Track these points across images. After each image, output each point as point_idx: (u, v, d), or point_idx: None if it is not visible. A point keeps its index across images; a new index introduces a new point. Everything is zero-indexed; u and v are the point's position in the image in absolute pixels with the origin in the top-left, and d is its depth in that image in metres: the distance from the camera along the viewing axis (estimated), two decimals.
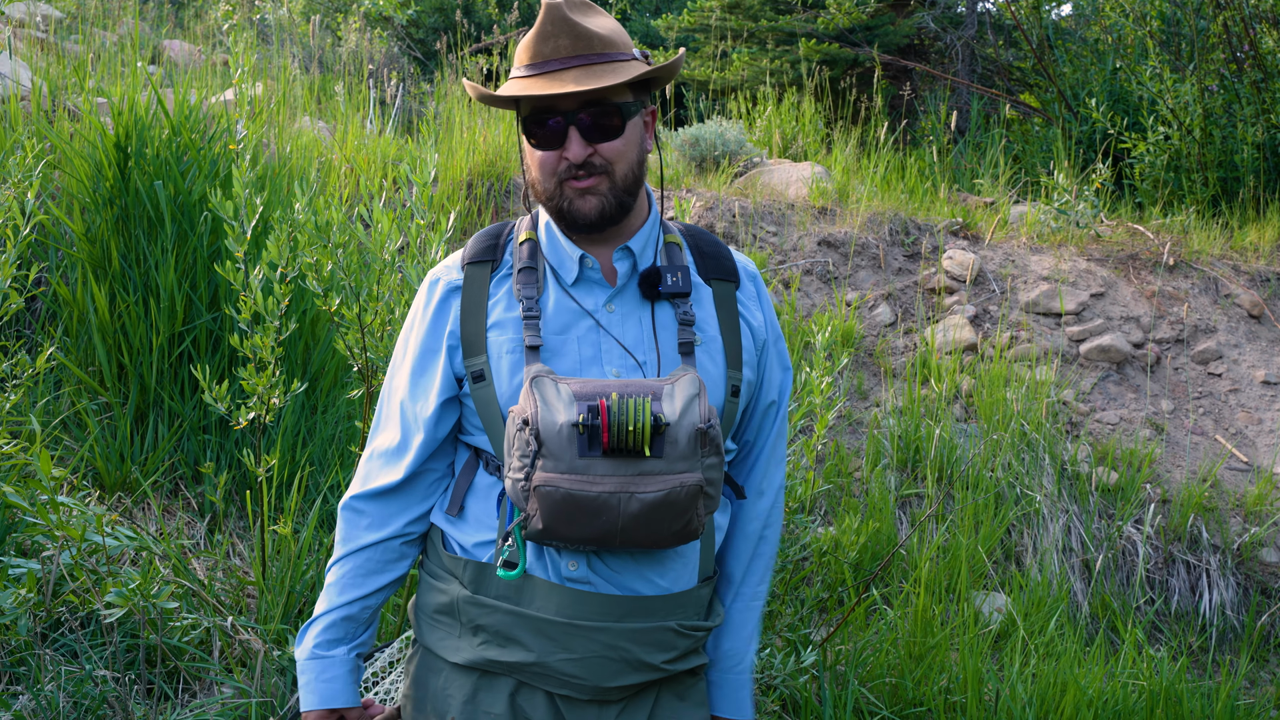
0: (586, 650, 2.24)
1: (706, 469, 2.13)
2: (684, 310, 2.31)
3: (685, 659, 2.34)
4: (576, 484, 2.06)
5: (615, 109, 2.25)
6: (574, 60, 2.23)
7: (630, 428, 2.05)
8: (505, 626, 2.27)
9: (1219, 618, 5.98)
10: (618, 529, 2.10)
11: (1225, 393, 7.01)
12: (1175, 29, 10.10)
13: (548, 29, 2.23)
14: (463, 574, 2.33)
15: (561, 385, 2.12)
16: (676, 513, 2.11)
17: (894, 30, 13.70)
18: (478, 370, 2.28)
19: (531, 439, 2.07)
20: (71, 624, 3.68)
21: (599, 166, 2.25)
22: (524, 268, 2.32)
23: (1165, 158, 9.38)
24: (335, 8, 16.75)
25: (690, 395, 2.13)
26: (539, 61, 2.24)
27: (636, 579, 2.27)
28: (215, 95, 6.65)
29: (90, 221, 5.05)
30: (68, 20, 9.46)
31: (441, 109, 8.97)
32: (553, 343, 2.27)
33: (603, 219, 2.27)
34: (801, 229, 7.86)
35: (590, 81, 2.20)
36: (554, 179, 2.26)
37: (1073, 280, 7.54)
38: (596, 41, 2.25)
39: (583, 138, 2.23)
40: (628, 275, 2.35)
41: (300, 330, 5.02)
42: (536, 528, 2.11)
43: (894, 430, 6.27)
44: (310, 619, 2.40)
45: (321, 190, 6.27)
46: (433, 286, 2.40)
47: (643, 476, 2.08)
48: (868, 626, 4.92)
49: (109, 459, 4.57)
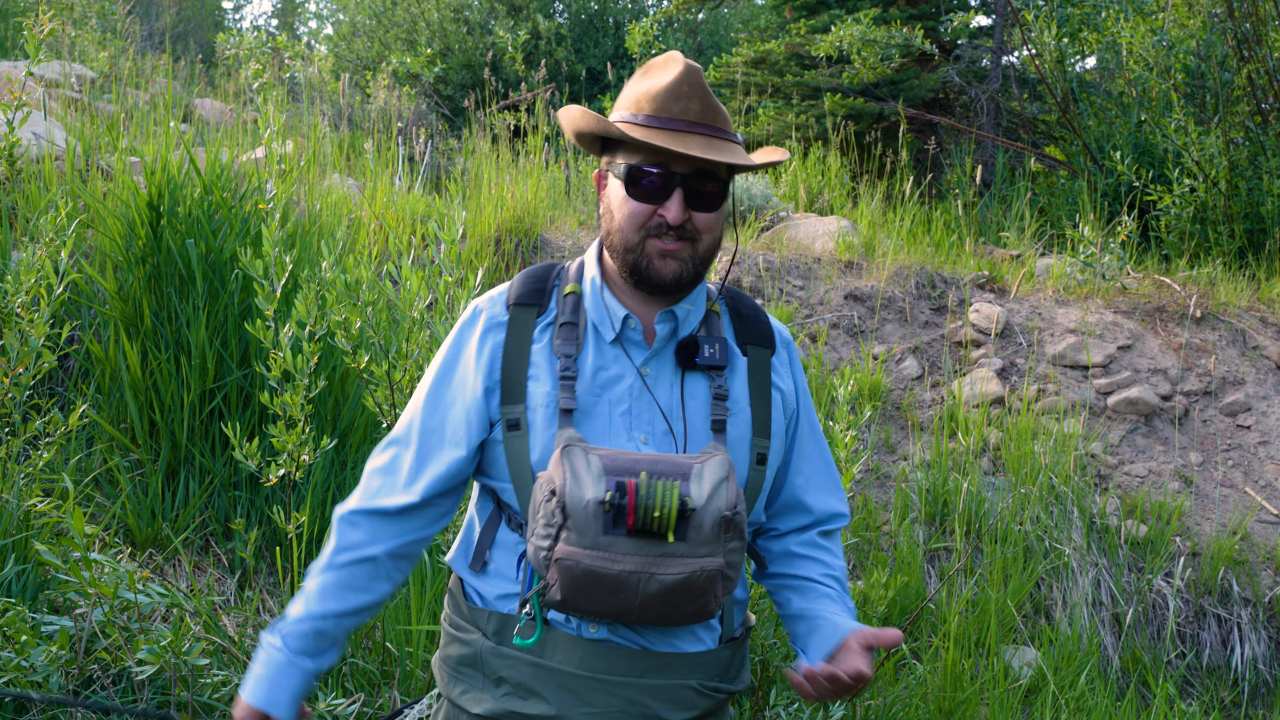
0: (607, 705, 2.24)
1: (728, 553, 2.13)
2: (719, 384, 2.32)
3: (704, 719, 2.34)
4: (598, 560, 2.06)
5: (720, 183, 2.30)
6: (700, 127, 2.26)
7: (656, 513, 2.04)
8: (527, 679, 2.26)
9: (1251, 672, 5.93)
10: (634, 606, 2.10)
11: (1254, 445, 6.98)
12: (1200, 82, 10.11)
13: (684, 89, 2.26)
14: (485, 625, 2.33)
15: (592, 456, 2.11)
16: (694, 595, 2.11)
17: (919, 84, 13.76)
18: (514, 419, 2.28)
19: (557, 511, 2.07)
20: (103, 681, 3.69)
21: (689, 233, 2.28)
22: (565, 322, 2.33)
23: (1191, 210, 9.37)
24: (364, 65, 16.93)
25: (719, 479, 2.12)
26: (665, 116, 2.26)
27: (657, 638, 2.27)
28: (246, 153, 6.72)
29: (123, 280, 5.10)
30: (100, 80, 9.58)
31: (470, 165, 9.04)
32: (585, 402, 2.27)
33: (678, 284, 2.30)
34: (828, 283, 7.88)
35: (714, 153, 2.23)
36: (640, 233, 2.28)
37: (1099, 333, 7.53)
38: (721, 117, 2.29)
39: (684, 201, 2.26)
40: (666, 339, 2.36)
41: (330, 387, 5.05)
42: (555, 598, 2.11)
43: (922, 484, 6.25)
44: (283, 614, 2.37)
45: (351, 247, 6.33)
46: (476, 316, 2.40)
47: (664, 558, 2.08)
48: (897, 681, 4.90)
49: (140, 516, 4.59)
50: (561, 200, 8.70)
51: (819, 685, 2.28)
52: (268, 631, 2.36)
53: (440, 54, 15.90)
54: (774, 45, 13.95)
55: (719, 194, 2.30)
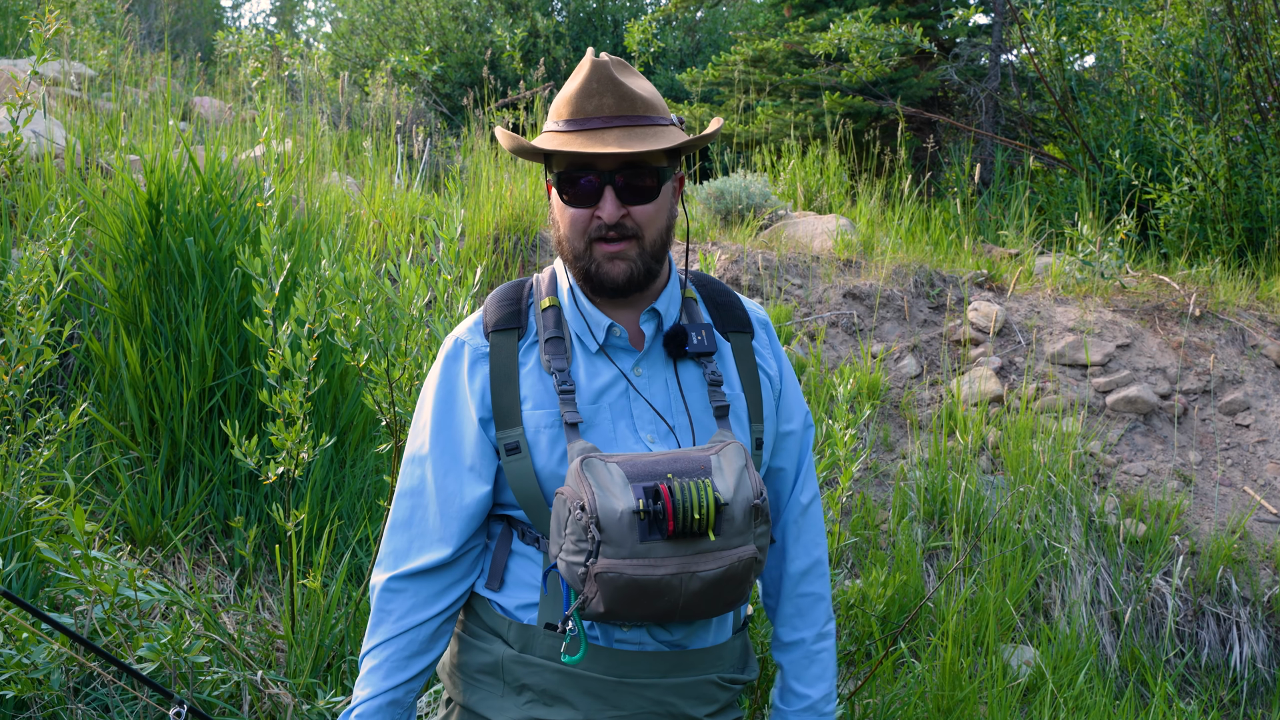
0: (635, 707, 2.25)
1: (758, 538, 2.14)
2: (711, 370, 2.32)
3: (724, 712, 2.37)
4: (639, 569, 2.04)
5: (652, 172, 2.25)
6: (616, 120, 2.22)
7: (696, 514, 2.03)
8: (553, 685, 2.26)
9: (1250, 671, 5.93)
10: (679, 606, 2.10)
11: (1253, 444, 6.99)
12: (1199, 80, 10.12)
13: (592, 86, 2.22)
14: (507, 633, 2.31)
15: (611, 465, 2.09)
16: (734, 585, 2.12)
17: (918, 83, 13.78)
18: (512, 443, 2.25)
19: (592, 526, 2.04)
20: (104, 678, 3.70)
21: (630, 230, 2.24)
22: (550, 337, 2.30)
23: (1190, 208, 9.38)
24: (363, 64, 16.93)
25: (740, 468, 2.12)
26: (581, 118, 2.23)
27: (686, 636, 2.28)
28: (245, 152, 6.72)
29: (122, 278, 5.10)
30: (100, 78, 9.57)
31: (468, 163, 9.04)
32: (585, 412, 2.25)
33: (630, 284, 2.26)
34: (826, 281, 7.88)
35: (632, 144, 2.19)
36: (584, 239, 2.25)
37: (1098, 331, 7.53)
38: (640, 104, 2.25)
39: (617, 198, 2.22)
40: (654, 337, 2.34)
41: (329, 385, 5.06)
42: (597, 610, 2.09)
43: (920, 482, 6.26)
44: (352, 706, 2.33)
45: (349, 246, 6.33)
46: (458, 351, 2.36)
47: (702, 555, 2.07)
48: (895, 680, 4.90)
49: (140, 513, 4.59)
50: None
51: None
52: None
53: (439, 52, 15.91)
54: (772, 43, 13.96)
55: (654, 185, 2.26)
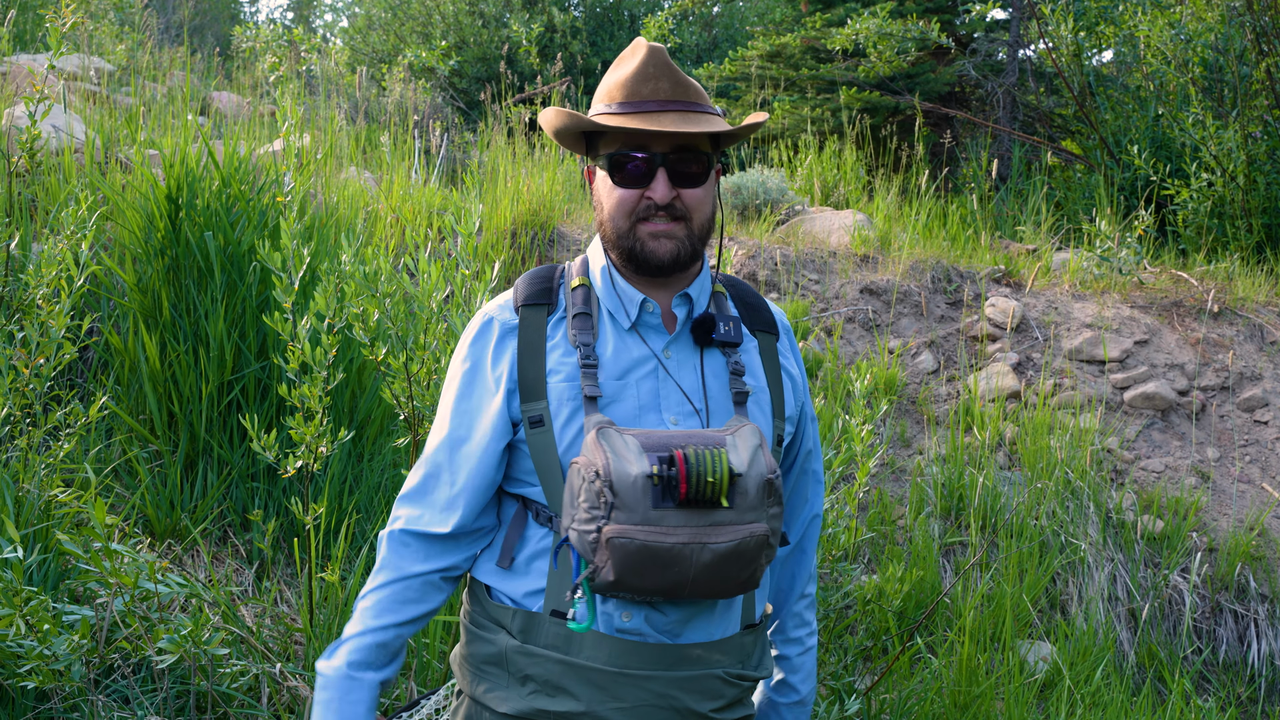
0: (637, 699, 2.24)
1: (770, 518, 2.14)
2: (735, 360, 2.34)
3: (732, 709, 2.34)
4: (651, 535, 2.05)
5: (701, 158, 2.29)
6: (672, 105, 2.27)
7: (710, 478, 2.05)
8: (555, 676, 2.26)
9: (1268, 668, 5.92)
10: (689, 579, 2.10)
11: (1272, 440, 6.96)
12: (1217, 75, 10.07)
13: (649, 70, 2.27)
14: (511, 624, 2.32)
15: (627, 436, 2.11)
16: (745, 562, 2.12)
17: (935, 78, 13.74)
18: (536, 415, 2.27)
19: (605, 490, 2.05)
20: (124, 670, 3.72)
21: (679, 211, 2.28)
22: (579, 313, 2.33)
23: (1209, 204, 9.34)
24: (380, 59, 16.94)
25: (754, 445, 2.14)
26: (636, 100, 2.27)
27: (687, 627, 2.27)
28: (264, 146, 6.73)
29: (142, 272, 5.12)
30: (118, 73, 9.60)
31: (486, 158, 9.05)
32: (610, 388, 2.27)
33: (676, 263, 2.30)
34: (843, 277, 7.88)
35: (688, 126, 2.23)
36: (630, 219, 2.29)
37: (1116, 327, 7.52)
38: (693, 91, 2.30)
39: (669, 180, 2.26)
40: (685, 321, 2.37)
41: (347, 379, 5.07)
42: (607, 579, 2.09)
43: (937, 478, 6.25)
44: (340, 638, 2.35)
45: (368, 240, 6.34)
46: (487, 326, 2.38)
47: (715, 527, 2.08)
48: (912, 675, 4.90)
49: (159, 506, 4.61)
50: (577, 193, 8.71)
51: None
52: (323, 659, 2.34)
53: (455, 47, 15.90)
54: (789, 39, 13.94)
55: (704, 170, 2.31)
